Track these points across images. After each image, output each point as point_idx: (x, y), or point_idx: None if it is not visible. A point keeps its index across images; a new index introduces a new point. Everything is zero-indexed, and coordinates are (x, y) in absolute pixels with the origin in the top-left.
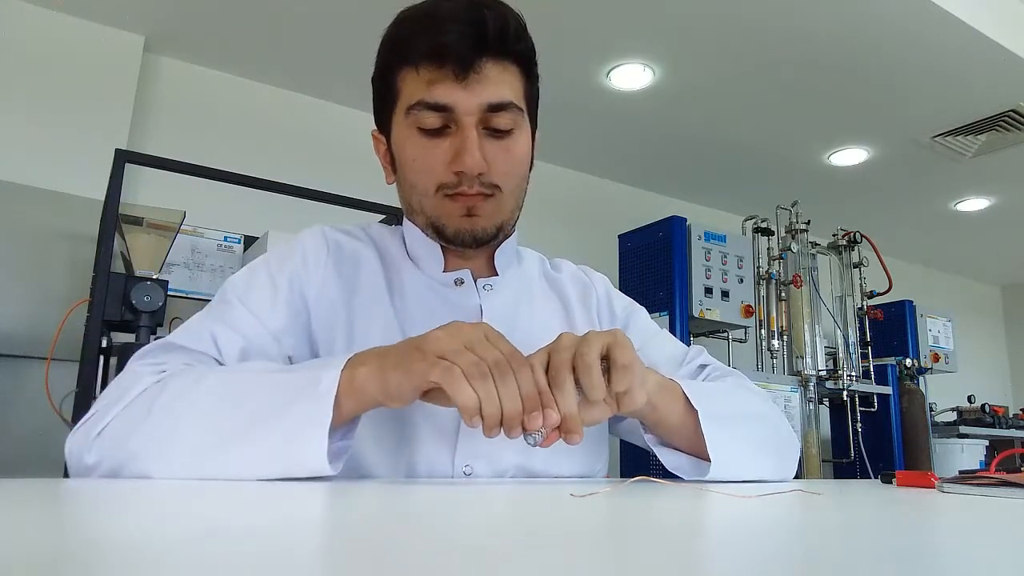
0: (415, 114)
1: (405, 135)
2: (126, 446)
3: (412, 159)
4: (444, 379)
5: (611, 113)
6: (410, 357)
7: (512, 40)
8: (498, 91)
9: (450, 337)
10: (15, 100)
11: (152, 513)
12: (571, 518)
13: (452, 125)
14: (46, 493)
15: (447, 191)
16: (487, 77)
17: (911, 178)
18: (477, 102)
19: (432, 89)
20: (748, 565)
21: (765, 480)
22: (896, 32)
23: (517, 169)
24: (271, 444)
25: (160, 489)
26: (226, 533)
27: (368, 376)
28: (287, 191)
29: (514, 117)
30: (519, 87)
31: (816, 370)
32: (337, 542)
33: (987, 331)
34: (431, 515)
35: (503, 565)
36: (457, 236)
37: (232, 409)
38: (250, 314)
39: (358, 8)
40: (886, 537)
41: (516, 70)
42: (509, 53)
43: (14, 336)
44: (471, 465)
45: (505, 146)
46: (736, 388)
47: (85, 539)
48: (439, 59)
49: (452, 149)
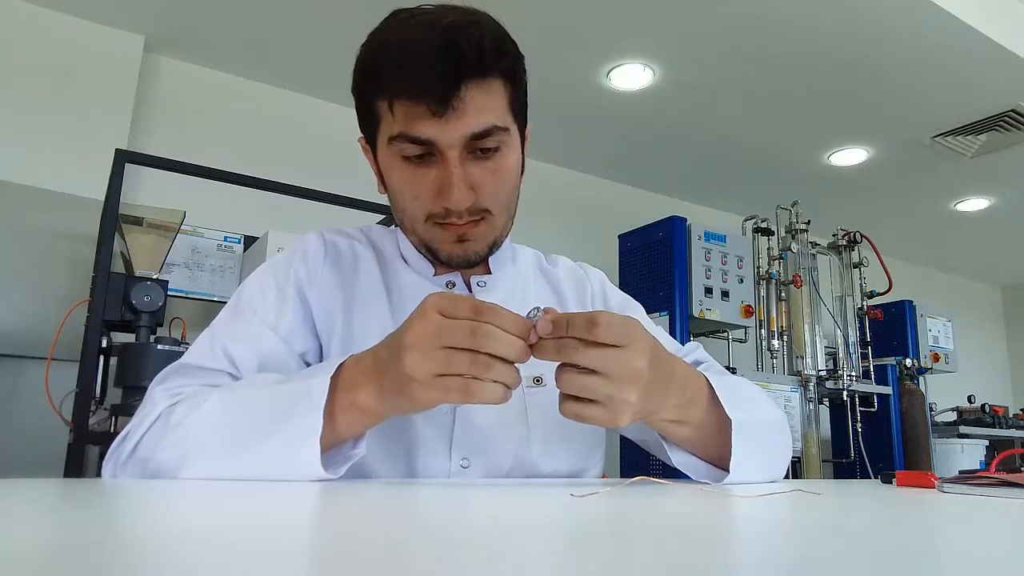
0: (396, 145)
1: (391, 162)
2: (148, 466)
3: (400, 188)
4: (452, 398)
5: (611, 113)
6: (405, 385)
7: (491, 59)
8: (479, 119)
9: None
10: (15, 100)
11: (150, 512)
12: (571, 518)
13: (436, 154)
14: (46, 493)
15: (437, 220)
16: (468, 106)
17: (911, 178)
18: (459, 135)
19: (411, 124)
20: (748, 565)
21: (763, 481)
22: (896, 32)
23: (505, 188)
24: (271, 455)
25: (159, 489)
26: (221, 533)
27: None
28: (287, 191)
29: (499, 138)
30: (503, 103)
31: (816, 370)
32: (337, 542)
33: (987, 331)
34: (431, 515)
35: (503, 565)
36: (451, 260)
37: (233, 425)
38: (262, 324)
39: (358, 8)
40: (886, 537)
41: (500, 84)
42: (489, 72)
43: (14, 336)
44: (468, 459)
45: (492, 168)
46: (755, 391)
47: (85, 539)
48: (414, 96)
49: (438, 181)
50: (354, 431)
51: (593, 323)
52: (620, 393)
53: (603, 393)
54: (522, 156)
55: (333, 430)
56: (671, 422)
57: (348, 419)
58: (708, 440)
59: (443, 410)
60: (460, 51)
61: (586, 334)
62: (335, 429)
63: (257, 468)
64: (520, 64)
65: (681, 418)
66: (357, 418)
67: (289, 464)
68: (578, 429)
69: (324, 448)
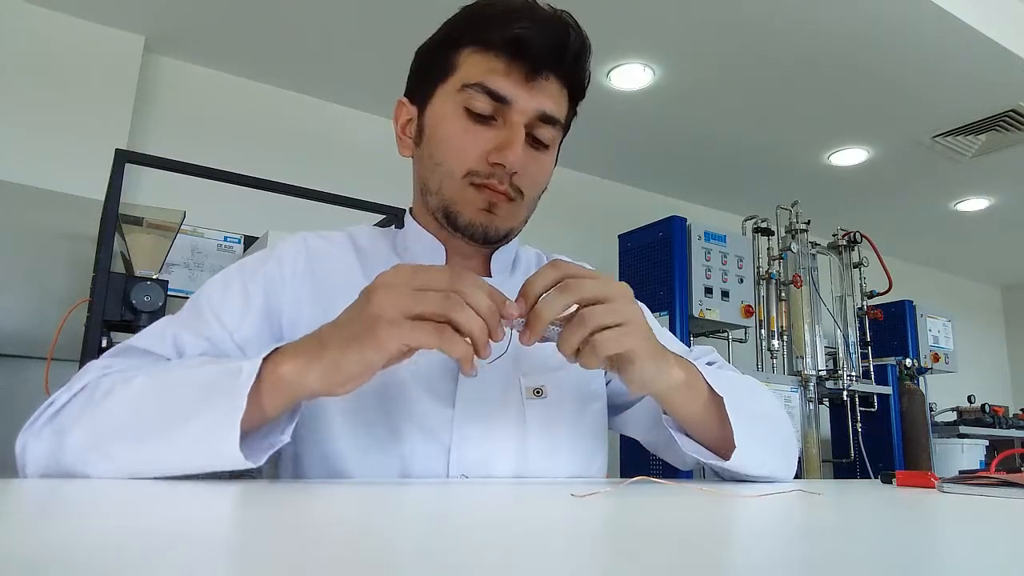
0: (469, 93)
1: (449, 111)
2: (63, 440)
3: (448, 137)
4: (421, 339)
5: (611, 113)
6: (370, 328)
7: (580, 68)
8: (554, 104)
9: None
10: (15, 100)
11: (146, 513)
12: (571, 518)
13: (500, 119)
14: (46, 493)
15: (475, 179)
16: (549, 88)
17: (911, 178)
18: (535, 106)
19: (497, 78)
20: (748, 565)
21: (768, 480)
22: (896, 32)
23: (542, 182)
24: (189, 438)
25: (159, 488)
26: (210, 534)
27: (303, 367)
28: (287, 191)
29: (555, 134)
30: (565, 110)
31: (816, 370)
32: (337, 542)
33: (987, 331)
34: (431, 515)
35: (503, 565)
36: (469, 227)
37: (156, 404)
38: (218, 322)
39: (358, 9)
40: (886, 537)
41: (567, 96)
42: (573, 79)
43: (14, 336)
44: (467, 475)
45: (539, 159)
46: (753, 383)
47: (85, 539)
48: (516, 52)
49: (496, 140)
50: (277, 408)
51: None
52: (630, 310)
53: (618, 314)
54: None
55: (259, 412)
56: (684, 386)
57: (271, 395)
58: (712, 422)
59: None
60: (567, 42)
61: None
62: (261, 410)
63: (171, 453)
64: (585, 92)
65: (691, 384)
66: (279, 390)
67: (205, 448)
68: (578, 439)
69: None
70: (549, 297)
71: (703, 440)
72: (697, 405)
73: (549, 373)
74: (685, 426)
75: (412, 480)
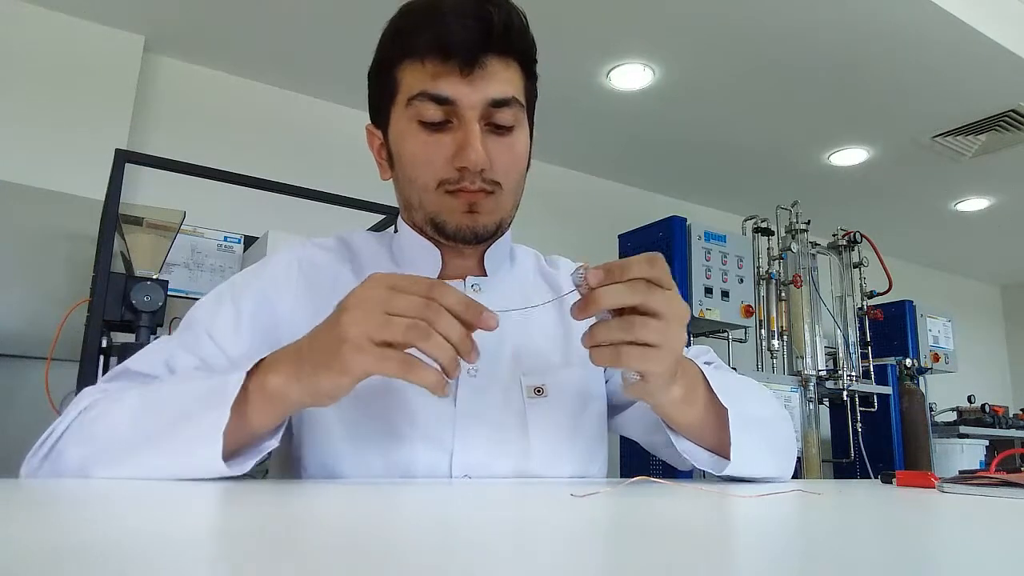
0: (416, 105)
1: (405, 128)
2: (60, 462)
3: (412, 153)
4: (386, 368)
5: (611, 113)
6: (335, 348)
7: (516, 38)
8: (501, 87)
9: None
10: (15, 100)
11: (148, 513)
12: (571, 518)
13: (454, 119)
14: (46, 493)
15: (448, 187)
16: (491, 73)
17: (911, 178)
18: (480, 97)
19: (436, 82)
20: (748, 565)
21: (765, 480)
22: (896, 32)
23: (518, 166)
24: (175, 450)
25: (159, 488)
26: (217, 534)
27: (286, 383)
28: (287, 191)
29: (516, 113)
30: (520, 85)
31: (816, 370)
32: (337, 542)
33: (987, 331)
34: (431, 515)
35: (503, 565)
36: (458, 233)
37: (145, 419)
38: (211, 340)
39: (358, 8)
40: (886, 537)
41: (518, 68)
42: (513, 51)
43: (14, 336)
44: (469, 476)
45: (507, 143)
46: (753, 384)
47: (85, 538)
48: (444, 52)
49: (454, 144)
50: (264, 420)
51: (652, 263)
52: (676, 336)
53: (662, 336)
54: (530, 150)
55: (246, 423)
56: (681, 402)
57: (257, 407)
58: (710, 423)
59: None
60: (491, 21)
61: (648, 272)
62: (248, 422)
63: (161, 463)
64: (536, 58)
65: (688, 398)
66: (265, 404)
67: (190, 459)
68: (579, 439)
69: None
70: (616, 289)
71: (701, 442)
72: (694, 415)
73: (550, 373)
74: (682, 432)
75: (412, 480)
